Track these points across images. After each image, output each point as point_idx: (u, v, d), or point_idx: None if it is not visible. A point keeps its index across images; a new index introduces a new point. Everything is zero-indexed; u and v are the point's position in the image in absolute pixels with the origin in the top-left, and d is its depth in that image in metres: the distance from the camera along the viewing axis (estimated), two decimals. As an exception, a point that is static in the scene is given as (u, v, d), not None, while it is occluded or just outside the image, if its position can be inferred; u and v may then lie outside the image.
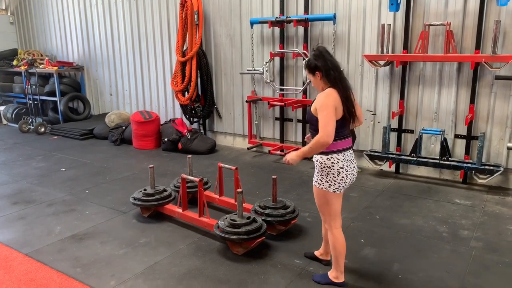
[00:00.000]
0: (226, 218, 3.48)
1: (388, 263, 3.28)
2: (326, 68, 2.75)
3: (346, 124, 2.83)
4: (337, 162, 2.78)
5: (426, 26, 4.87)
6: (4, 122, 9.42)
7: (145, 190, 4.19)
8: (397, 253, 3.43)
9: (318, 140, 2.66)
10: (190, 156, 4.47)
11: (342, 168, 2.79)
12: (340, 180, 2.81)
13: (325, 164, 2.79)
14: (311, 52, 2.87)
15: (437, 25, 4.85)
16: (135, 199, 4.15)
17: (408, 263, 3.28)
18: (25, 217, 4.29)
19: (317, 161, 2.84)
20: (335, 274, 2.99)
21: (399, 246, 3.56)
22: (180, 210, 4.00)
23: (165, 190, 4.23)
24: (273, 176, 3.78)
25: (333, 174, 2.79)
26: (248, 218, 3.44)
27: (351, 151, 2.92)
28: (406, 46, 5.19)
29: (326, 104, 2.68)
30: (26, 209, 4.48)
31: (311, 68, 2.82)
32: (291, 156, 2.88)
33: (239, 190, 3.40)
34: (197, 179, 3.77)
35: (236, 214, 3.47)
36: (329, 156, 2.78)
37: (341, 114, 2.75)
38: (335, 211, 2.93)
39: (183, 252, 3.51)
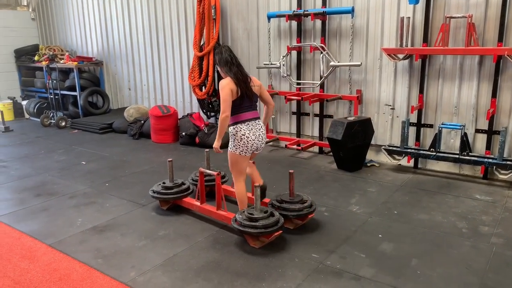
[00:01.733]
0: (244, 211, 3.51)
1: (406, 258, 3.26)
2: (222, 63, 3.60)
3: (245, 101, 3.56)
4: (240, 130, 3.54)
5: (447, 18, 4.78)
6: (27, 116, 9.65)
7: (163, 183, 4.25)
8: (416, 249, 3.40)
9: (219, 118, 3.52)
10: (207, 150, 4.51)
11: (244, 135, 3.53)
12: (243, 144, 3.55)
13: (231, 132, 3.59)
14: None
15: (458, 17, 4.75)
16: (154, 192, 4.21)
17: (427, 258, 3.25)
18: (48, 208, 4.41)
19: (229, 131, 3.63)
20: None
21: (418, 241, 3.54)
22: (198, 203, 4.04)
23: (183, 184, 4.28)
24: (290, 171, 3.79)
25: (237, 140, 3.55)
26: (266, 212, 3.46)
27: (257, 121, 3.65)
28: (425, 39, 5.10)
29: (220, 88, 3.52)
30: (48, 201, 4.60)
31: (216, 62, 3.76)
32: (214, 144, 3.63)
33: (256, 184, 3.42)
34: (214, 173, 3.80)
35: (253, 208, 3.49)
36: (234, 126, 3.56)
37: (237, 94, 3.50)
38: (240, 169, 3.70)
39: (201, 244, 3.55)
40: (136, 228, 3.90)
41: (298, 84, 6.26)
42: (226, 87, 3.50)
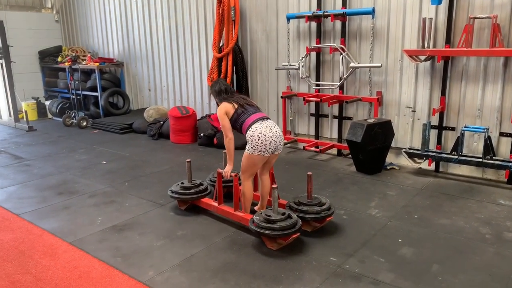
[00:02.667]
0: (261, 213, 3.50)
1: (427, 263, 3.19)
2: (215, 93, 3.90)
3: (247, 108, 3.71)
4: (256, 129, 3.58)
5: (471, 19, 4.68)
6: (49, 116, 9.86)
7: (182, 183, 4.28)
8: (437, 254, 3.33)
9: (225, 144, 3.75)
10: (225, 151, 4.51)
11: (261, 133, 3.56)
12: (261, 143, 3.55)
13: (248, 135, 3.60)
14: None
15: (482, 18, 4.64)
16: (172, 192, 4.24)
17: (448, 264, 3.18)
18: (69, 207, 4.49)
19: (246, 137, 3.65)
20: None
21: (439, 246, 3.46)
22: (216, 204, 4.06)
23: (201, 184, 4.30)
24: (308, 173, 3.76)
25: (255, 140, 3.56)
26: (283, 214, 3.44)
27: (269, 120, 3.71)
28: (448, 41, 5.00)
29: (218, 115, 3.73)
30: (69, 200, 4.69)
31: (212, 93, 3.97)
32: (226, 168, 3.85)
33: (274, 186, 3.41)
34: (233, 174, 3.81)
35: (271, 209, 3.48)
36: (249, 129, 3.60)
37: (234, 108, 3.69)
38: (253, 173, 3.79)
39: (218, 245, 3.56)
40: (154, 227, 3.93)
41: (317, 85, 6.22)
42: (221, 112, 3.70)
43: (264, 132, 3.57)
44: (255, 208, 4.09)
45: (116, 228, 3.94)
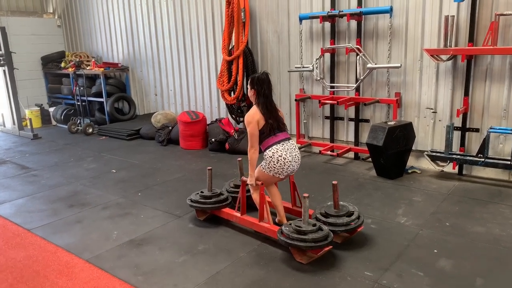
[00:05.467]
0: (290, 224, 3.31)
1: (470, 277, 3.00)
2: (255, 83, 3.57)
3: (274, 126, 3.52)
4: (277, 151, 3.49)
5: (497, 16, 4.49)
6: (54, 123, 9.67)
7: (202, 192, 4.09)
8: (478, 266, 3.14)
9: (248, 153, 3.54)
10: (240, 158, 4.34)
11: (281, 156, 3.48)
12: (279, 166, 3.49)
13: (267, 155, 3.52)
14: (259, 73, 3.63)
15: (510, 14, 4.45)
16: (192, 201, 4.05)
17: (493, 278, 2.98)
18: (82, 220, 4.29)
19: (264, 155, 3.57)
20: None
21: (479, 257, 3.26)
22: (238, 214, 3.86)
23: (221, 194, 4.11)
24: (334, 182, 3.57)
25: (274, 162, 3.49)
26: (314, 225, 3.25)
27: (290, 141, 3.60)
28: (471, 39, 4.81)
29: (247, 122, 3.54)
30: (82, 212, 4.49)
31: (253, 80, 3.61)
32: (250, 181, 3.65)
33: (305, 195, 3.20)
34: (259, 182, 3.61)
35: (300, 220, 3.28)
36: (270, 148, 3.51)
37: (264, 122, 3.50)
38: (267, 185, 3.71)
39: (244, 260, 3.36)
40: (174, 241, 3.74)
41: (332, 87, 6.03)
42: (253, 119, 3.51)
43: (284, 156, 3.51)
44: (276, 220, 3.90)
45: (134, 243, 3.74)
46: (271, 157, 3.49)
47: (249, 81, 3.64)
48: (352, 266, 3.20)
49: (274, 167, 3.51)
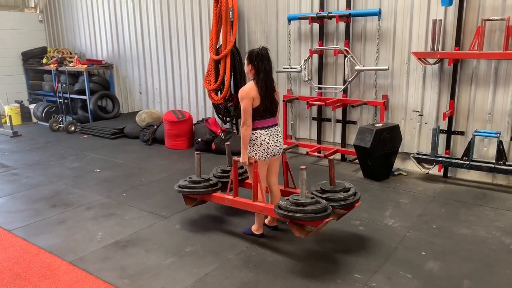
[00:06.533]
0: (288, 199, 3.25)
1: (457, 279, 3.02)
2: (254, 58, 3.45)
3: (267, 108, 3.47)
4: (260, 136, 3.50)
5: (483, 21, 4.56)
6: (34, 120, 9.43)
7: (190, 178, 3.98)
8: (465, 268, 3.17)
9: (241, 129, 3.49)
10: (228, 143, 4.36)
11: (264, 140, 3.50)
12: (263, 150, 3.51)
13: (252, 138, 3.50)
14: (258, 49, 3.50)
15: (495, 20, 4.53)
16: (180, 187, 3.92)
17: (479, 280, 3.01)
18: (65, 221, 4.18)
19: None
20: (255, 227, 3.71)
21: (466, 260, 3.30)
22: (230, 197, 3.76)
23: (210, 179, 4.02)
24: (330, 157, 3.59)
25: (257, 145, 3.50)
26: (312, 198, 3.20)
27: (276, 127, 3.61)
28: (458, 43, 4.88)
29: (241, 97, 3.45)
30: (65, 213, 4.37)
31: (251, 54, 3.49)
32: (241, 159, 3.56)
33: (302, 167, 3.12)
34: (252, 160, 3.54)
35: (298, 195, 3.22)
36: (254, 132, 3.50)
37: (259, 102, 3.42)
38: (261, 173, 3.61)
39: (233, 262, 3.32)
40: (161, 243, 3.67)
41: (320, 89, 6.03)
42: (247, 96, 3.42)
43: (268, 140, 3.53)
44: (265, 221, 3.86)
45: (119, 245, 3.65)
46: (254, 140, 3.50)
47: (246, 56, 3.51)
48: (341, 269, 3.19)
49: (258, 150, 3.51)
